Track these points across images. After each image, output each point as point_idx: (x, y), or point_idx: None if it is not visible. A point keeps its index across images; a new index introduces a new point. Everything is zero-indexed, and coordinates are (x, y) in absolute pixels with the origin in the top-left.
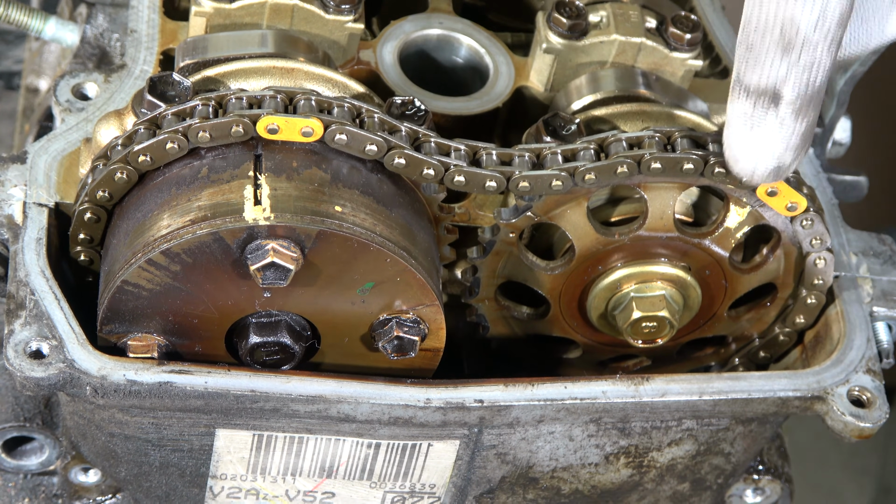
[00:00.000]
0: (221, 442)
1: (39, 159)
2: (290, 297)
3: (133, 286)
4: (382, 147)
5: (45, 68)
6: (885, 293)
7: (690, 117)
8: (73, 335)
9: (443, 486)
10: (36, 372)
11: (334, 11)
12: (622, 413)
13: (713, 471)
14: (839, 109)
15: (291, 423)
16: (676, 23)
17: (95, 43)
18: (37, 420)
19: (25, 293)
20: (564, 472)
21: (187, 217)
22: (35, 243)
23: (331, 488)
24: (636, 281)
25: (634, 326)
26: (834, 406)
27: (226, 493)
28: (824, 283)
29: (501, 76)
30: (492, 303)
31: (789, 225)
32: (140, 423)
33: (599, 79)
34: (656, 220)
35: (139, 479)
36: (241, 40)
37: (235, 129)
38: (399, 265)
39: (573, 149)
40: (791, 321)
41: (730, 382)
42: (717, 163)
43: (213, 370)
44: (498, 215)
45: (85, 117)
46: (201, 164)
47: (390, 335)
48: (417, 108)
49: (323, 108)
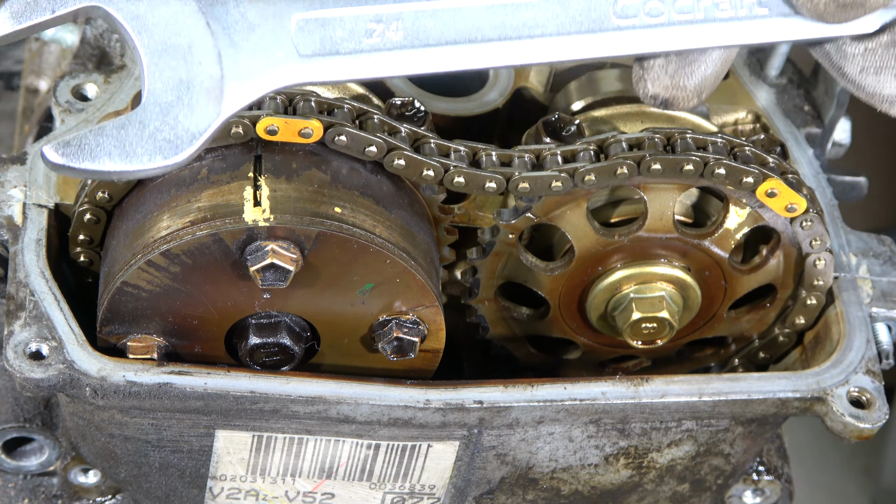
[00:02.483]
0: (221, 443)
1: (39, 160)
2: (290, 298)
3: (133, 287)
4: (382, 148)
5: (45, 69)
6: (884, 294)
7: (690, 118)
8: (73, 336)
9: (442, 486)
10: (35, 373)
11: None
12: (622, 414)
13: (713, 471)
14: (839, 110)
15: (291, 424)
16: None
17: (95, 43)
18: (36, 421)
19: (25, 294)
20: (564, 472)
21: (187, 218)
22: (35, 244)
23: (330, 489)
24: (636, 282)
25: (634, 327)
26: (833, 407)
27: (225, 494)
28: (824, 283)
29: (501, 77)
30: (491, 304)
31: (789, 226)
32: (140, 424)
33: (599, 79)
34: (656, 221)
35: (139, 480)
36: None
37: (235, 130)
38: (399, 266)
39: (573, 150)
40: (791, 322)
41: (729, 383)
42: (717, 163)
43: (212, 371)
44: (498, 216)
45: (85, 118)
46: (201, 166)
47: (390, 336)
48: (417, 110)
49: (322, 109)
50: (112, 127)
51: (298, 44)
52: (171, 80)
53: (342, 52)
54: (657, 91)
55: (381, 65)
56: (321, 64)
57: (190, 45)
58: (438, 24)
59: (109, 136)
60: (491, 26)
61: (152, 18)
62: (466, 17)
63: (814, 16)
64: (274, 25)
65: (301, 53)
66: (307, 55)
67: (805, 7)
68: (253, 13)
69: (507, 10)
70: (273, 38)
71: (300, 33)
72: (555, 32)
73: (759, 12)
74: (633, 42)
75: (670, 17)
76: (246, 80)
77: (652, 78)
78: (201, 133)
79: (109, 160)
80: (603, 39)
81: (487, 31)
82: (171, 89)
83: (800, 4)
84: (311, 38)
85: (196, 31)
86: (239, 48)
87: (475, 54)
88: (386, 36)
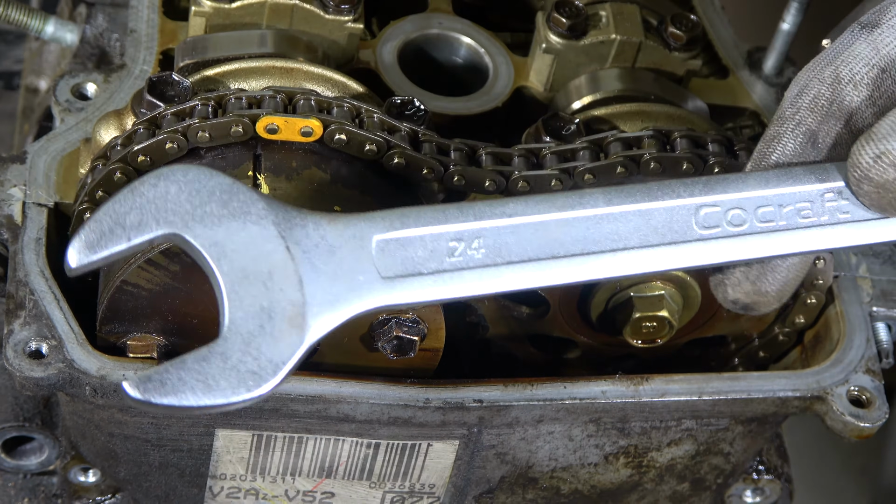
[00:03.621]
0: (221, 442)
1: (39, 159)
2: None
3: (132, 286)
4: (382, 147)
5: (45, 68)
6: (884, 293)
7: (690, 117)
8: (73, 335)
9: (442, 486)
10: (35, 372)
11: (334, 11)
12: (621, 413)
13: (712, 471)
14: None
15: (291, 423)
16: (676, 22)
17: (95, 43)
18: (36, 420)
19: (25, 293)
20: (564, 472)
21: None
22: (34, 243)
23: (330, 488)
24: (636, 281)
25: (634, 326)
26: (833, 406)
27: (225, 493)
28: (824, 282)
29: (501, 76)
30: (491, 303)
31: None
32: (139, 423)
33: (599, 79)
34: None
35: (138, 479)
36: (240, 40)
37: (235, 128)
38: None
39: (572, 149)
40: (790, 321)
41: (729, 382)
42: (716, 163)
43: None
44: None
45: (84, 117)
46: None
47: (390, 335)
48: (417, 108)
49: (322, 107)
50: (193, 360)
51: (380, 265)
52: (252, 308)
53: (425, 273)
54: (738, 297)
55: (465, 284)
56: (404, 285)
57: (271, 271)
58: (519, 239)
59: (191, 371)
60: (572, 240)
61: (231, 245)
62: (547, 232)
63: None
64: (354, 247)
65: (383, 275)
66: (389, 277)
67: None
68: (333, 235)
69: (588, 224)
70: (354, 261)
71: (381, 255)
72: (637, 245)
73: (842, 217)
74: (716, 252)
75: (752, 226)
76: (328, 306)
77: (733, 284)
78: (284, 363)
79: (193, 395)
80: (686, 251)
81: (569, 245)
82: (253, 318)
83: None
84: (393, 260)
85: (276, 256)
86: (320, 272)
87: (557, 270)
88: (468, 254)
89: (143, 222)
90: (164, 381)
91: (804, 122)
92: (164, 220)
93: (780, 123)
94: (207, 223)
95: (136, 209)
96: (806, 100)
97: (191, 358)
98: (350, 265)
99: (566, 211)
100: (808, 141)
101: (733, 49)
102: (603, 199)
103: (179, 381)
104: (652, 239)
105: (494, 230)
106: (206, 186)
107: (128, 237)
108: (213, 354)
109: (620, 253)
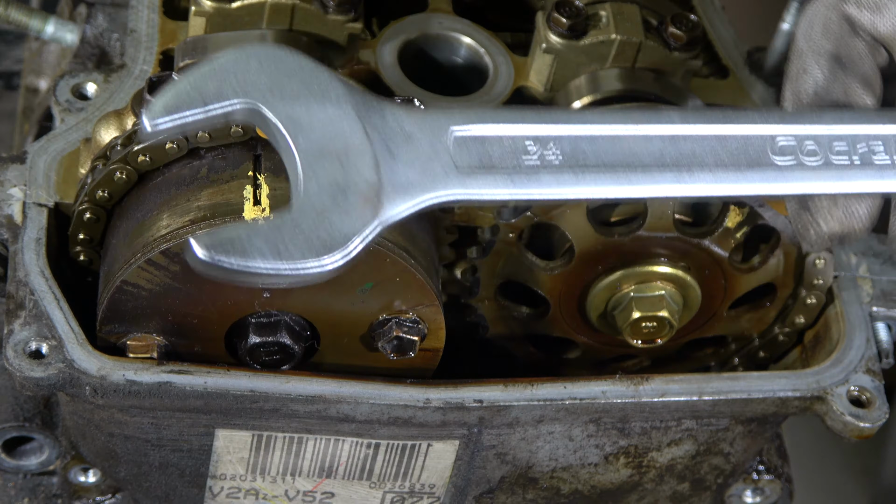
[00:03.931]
0: (221, 442)
1: (39, 159)
2: (290, 297)
3: (132, 286)
4: None
5: (45, 68)
6: (884, 293)
7: None
8: (73, 335)
9: (442, 486)
10: (35, 372)
11: (334, 11)
12: (622, 413)
13: (713, 471)
14: None
15: (291, 423)
16: (676, 22)
17: (95, 43)
18: (36, 420)
19: (25, 293)
20: (564, 472)
21: (187, 217)
22: (34, 243)
23: (330, 488)
24: (636, 281)
25: (634, 326)
26: (833, 406)
27: (225, 493)
28: (824, 283)
29: (501, 76)
30: (491, 303)
31: (789, 225)
32: (139, 424)
33: (599, 79)
34: (656, 220)
35: (139, 479)
36: (240, 40)
37: (235, 129)
38: (399, 265)
39: None
40: (791, 321)
41: (729, 382)
42: None
43: (212, 370)
44: (498, 215)
45: (84, 117)
46: (201, 165)
47: (390, 335)
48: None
49: None
50: (265, 226)
51: (456, 157)
52: (327, 183)
53: (500, 168)
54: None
55: (538, 185)
56: (478, 179)
57: (347, 151)
58: (596, 149)
59: (262, 234)
60: (649, 154)
61: (308, 121)
62: (624, 144)
63: None
64: (431, 138)
65: (458, 166)
66: (464, 169)
67: None
68: (411, 124)
69: (664, 141)
70: (431, 150)
71: (457, 148)
72: (713, 165)
73: None
74: (792, 182)
75: (828, 160)
76: (403, 190)
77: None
78: (356, 234)
79: (262, 259)
80: (762, 177)
81: (645, 158)
82: (327, 192)
83: None
84: (469, 153)
85: (354, 136)
86: (396, 158)
87: (633, 181)
88: (544, 156)
89: (221, 92)
90: (234, 241)
91: (823, 48)
92: (242, 92)
93: (800, 57)
94: (286, 99)
95: (216, 79)
96: (817, 29)
97: (264, 224)
98: (426, 154)
99: (643, 124)
100: (835, 64)
101: (733, 49)
102: (679, 118)
103: (249, 243)
104: (728, 162)
105: (572, 138)
106: (288, 65)
107: (204, 103)
108: (285, 223)
109: (697, 171)
